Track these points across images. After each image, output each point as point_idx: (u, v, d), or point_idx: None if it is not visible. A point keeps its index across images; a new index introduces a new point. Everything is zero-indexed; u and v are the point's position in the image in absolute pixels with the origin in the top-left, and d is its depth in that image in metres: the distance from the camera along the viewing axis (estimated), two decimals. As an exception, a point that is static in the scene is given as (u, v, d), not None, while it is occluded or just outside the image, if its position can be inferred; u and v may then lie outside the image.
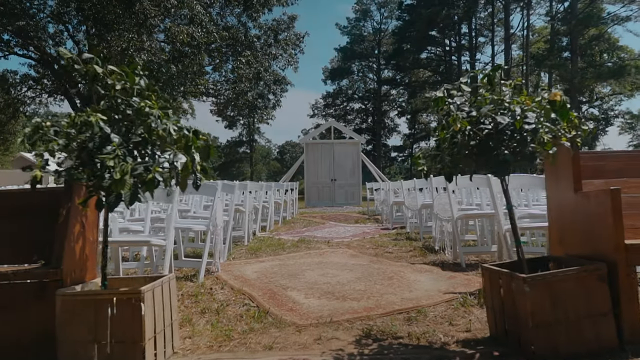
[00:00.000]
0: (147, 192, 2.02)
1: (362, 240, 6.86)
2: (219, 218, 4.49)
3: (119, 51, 18.88)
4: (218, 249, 4.50)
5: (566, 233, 2.54)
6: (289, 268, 4.77)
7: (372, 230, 8.31)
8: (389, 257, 5.30)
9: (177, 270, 4.68)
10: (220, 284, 4.10)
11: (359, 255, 5.50)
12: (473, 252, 5.00)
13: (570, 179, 2.40)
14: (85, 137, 1.95)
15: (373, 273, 4.40)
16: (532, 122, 2.09)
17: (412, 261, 5.02)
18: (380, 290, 3.72)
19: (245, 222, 6.55)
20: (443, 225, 5.06)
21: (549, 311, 2.06)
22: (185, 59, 20.90)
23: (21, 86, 25.62)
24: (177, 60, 21.55)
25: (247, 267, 4.86)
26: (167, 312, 2.30)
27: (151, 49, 19.76)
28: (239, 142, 51.06)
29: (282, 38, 26.21)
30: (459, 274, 4.22)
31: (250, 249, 5.96)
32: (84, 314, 2.02)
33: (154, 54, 19.90)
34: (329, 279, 4.17)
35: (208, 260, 4.52)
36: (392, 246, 6.14)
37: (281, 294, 3.66)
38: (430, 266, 4.65)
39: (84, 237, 2.34)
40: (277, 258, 5.43)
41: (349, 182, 17.69)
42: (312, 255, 5.58)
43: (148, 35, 19.63)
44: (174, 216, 3.45)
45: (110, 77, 2.04)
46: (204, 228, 4.42)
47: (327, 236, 7.57)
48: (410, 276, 4.23)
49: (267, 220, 8.68)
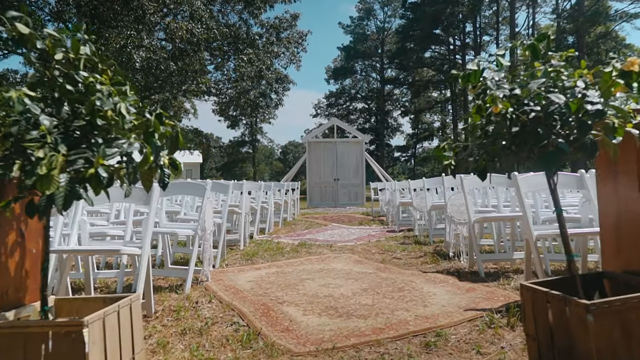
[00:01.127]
0: (99, 191, 1.55)
1: (367, 244, 6.37)
2: (209, 221, 4.01)
3: (117, 49, 18.47)
4: (207, 256, 4.02)
5: (625, 243, 2.05)
6: (287, 277, 4.28)
7: (378, 233, 7.82)
8: (398, 264, 4.81)
9: (163, 279, 4.21)
10: (209, 296, 3.61)
11: (364, 262, 5.01)
12: (491, 259, 4.50)
13: (634, 175, 1.91)
14: (10, 120, 1.47)
15: (381, 283, 3.91)
16: (596, 102, 1.60)
17: (423, 269, 4.53)
18: (390, 305, 3.24)
19: (242, 225, 6.06)
20: (457, 229, 4.57)
21: (620, 349, 1.57)
22: (186, 58, 20.47)
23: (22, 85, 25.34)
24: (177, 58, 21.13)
25: (241, 276, 4.38)
26: (127, 345, 1.82)
27: (151, 47, 19.32)
28: (241, 142, 50.62)
29: (285, 36, 25.79)
30: (479, 286, 3.73)
31: (246, 254, 5.48)
32: (9, 353, 1.54)
33: (153, 51, 19.48)
34: (331, 291, 3.69)
35: (197, 269, 4.05)
36: (400, 251, 5.64)
37: (276, 310, 3.17)
38: (445, 275, 4.15)
39: (23, 248, 1.86)
40: (274, 264, 4.94)
41: (352, 182, 17.17)
42: (313, 261, 5.10)
43: (148, 33, 19.20)
44: (151, 220, 2.98)
45: (45, 42, 1.56)
46: (191, 233, 3.94)
47: (329, 239, 7.08)
48: (423, 287, 3.74)
49: (267, 222, 8.20)
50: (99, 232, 3.82)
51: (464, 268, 4.43)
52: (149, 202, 3.04)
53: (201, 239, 3.99)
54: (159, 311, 3.22)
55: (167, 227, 4.17)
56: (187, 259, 4.85)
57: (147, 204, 3.05)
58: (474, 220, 4.21)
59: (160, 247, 4.42)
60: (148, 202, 3.05)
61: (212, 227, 4.08)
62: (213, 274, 4.46)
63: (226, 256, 5.32)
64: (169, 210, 5.79)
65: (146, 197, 3.05)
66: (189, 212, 5.78)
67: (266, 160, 62.89)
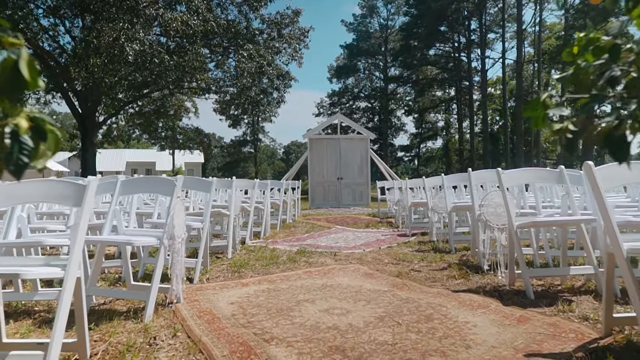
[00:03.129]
0: None
1: (377, 252, 5.46)
2: (179, 227, 3.11)
3: (110, 42, 17.62)
4: (177, 271, 3.12)
5: None
6: (281, 297, 3.38)
7: (388, 238, 6.91)
8: (418, 279, 3.91)
9: (123, 302, 3.32)
10: (174, 327, 2.72)
11: (376, 275, 4.10)
12: (539, 275, 3.59)
13: None
14: None
15: (401, 308, 3.01)
16: None
17: (451, 286, 3.62)
18: (418, 345, 2.33)
19: (230, 229, 5.17)
20: (494, 236, 3.66)
21: None
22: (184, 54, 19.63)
23: (18, 83, 24.73)
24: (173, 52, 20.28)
25: (223, 295, 3.48)
26: None
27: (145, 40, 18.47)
28: (242, 141, 49.83)
29: (287, 33, 24.97)
30: (533, 313, 2.82)
31: (234, 265, 4.58)
32: None
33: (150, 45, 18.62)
34: (336, 320, 2.79)
35: (164, 286, 3.16)
36: (417, 261, 4.73)
37: (260, 353, 2.27)
38: (483, 297, 3.24)
39: None
40: (266, 279, 4.04)
41: (356, 181, 16.22)
42: (314, 274, 4.19)
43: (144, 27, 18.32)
44: (82, 227, 2.08)
45: None
46: (154, 242, 3.04)
47: (333, 245, 6.18)
48: (458, 315, 2.83)
49: (262, 224, 7.31)
50: (38, 227, 2.93)
51: (502, 285, 3.52)
52: (80, 203, 2.14)
53: (169, 250, 3.10)
54: (99, 353, 2.33)
55: (122, 235, 3.27)
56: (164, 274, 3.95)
57: (78, 205, 2.15)
58: (519, 225, 3.30)
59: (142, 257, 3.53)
60: (78, 202, 2.15)
61: (184, 234, 3.19)
62: (189, 292, 3.57)
63: (209, 267, 4.42)
64: (143, 212, 4.91)
65: (76, 195, 2.16)
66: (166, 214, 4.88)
67: (268, 160, 62.18)
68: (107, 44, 17.28)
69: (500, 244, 3.61)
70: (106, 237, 3.07)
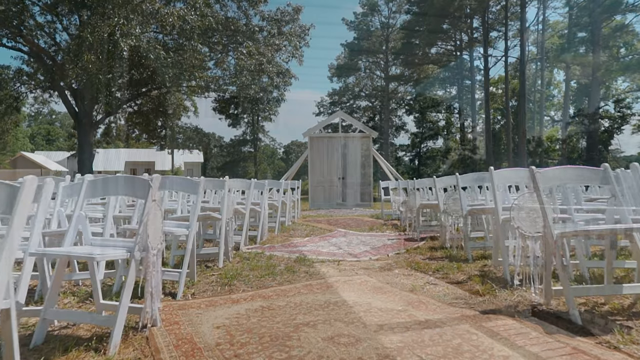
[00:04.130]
0: None
1: (385, 260, 4.93)
2: (154, 236, 2.59)
3: (105, 38, 17.10)
4: (151, 288, 2.60)
5: None
6: (276, 319, 2.86)
7: (395, 243, 6.38)
8: (436, 295, 3.38)
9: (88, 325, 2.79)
10: (143, 362, 2.19)
11: (386, 289, 3.58)
12: (585, 294, 3.04)
13: None
14: None
15: (422, 336, 2.48)
16: None
17: (475, 303, 3.09)
18: (450, 393, 1.81)
19: (222, 235, 4.64)
20: (527, 245, 3.13)
21: None
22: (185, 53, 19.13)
23: (14, 82, 24.32)
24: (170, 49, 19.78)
25: (209, 316, 2.95)
26: None
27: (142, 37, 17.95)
28: (242, 140, 49.25)
29: (287, 30, 24.46)
30: (584, 344, 2.29)
31: (225, 276, 4.05)
32: None
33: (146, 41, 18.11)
34: (344, 353, 2.26)
35: (138, 306, 2.64)
36: (432, 271, 4.20)
37: (247, 405, 1.75)
38: (519, 321, 2.70)
39: None
40: (260, 294, 3.51)
41: (359, 181, 15.66)
42: (315, 288, 3.67)
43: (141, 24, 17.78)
44: (10, 241, 1.56)
45: None
46: (124, 255, 2.51)
47: (336, 252, 5.65)
48: (493, 347, 2.30)
49: (259, 228, 6.77)
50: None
51: (537, 304, 3.00)
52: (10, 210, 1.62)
53: (141, 264, 2.57)
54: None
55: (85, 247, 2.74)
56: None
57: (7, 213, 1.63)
58: (562, 233, 2.77)
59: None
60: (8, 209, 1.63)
61: (160, 244, 2.66)
62: (169, 311, 3.05)
63: (196, 279, 3.89)
64: (125, 216, 4.38)
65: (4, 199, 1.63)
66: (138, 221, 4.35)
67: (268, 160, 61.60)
68: (100, 39, 16.76)
69: (534, 255, 3.08)
70: (63, 249, 2.55)
